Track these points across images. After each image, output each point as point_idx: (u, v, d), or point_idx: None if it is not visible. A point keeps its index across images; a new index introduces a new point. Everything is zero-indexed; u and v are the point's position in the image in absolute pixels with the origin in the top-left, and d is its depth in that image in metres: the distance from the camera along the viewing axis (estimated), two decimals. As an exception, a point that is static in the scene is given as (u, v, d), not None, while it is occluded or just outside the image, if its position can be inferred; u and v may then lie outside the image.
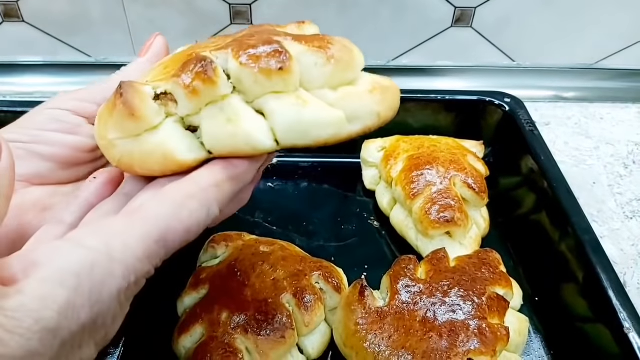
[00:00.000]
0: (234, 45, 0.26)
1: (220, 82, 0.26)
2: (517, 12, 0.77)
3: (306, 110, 0.26)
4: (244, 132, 0.25)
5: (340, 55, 0.28)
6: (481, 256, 0.47)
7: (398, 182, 0.55)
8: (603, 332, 0.42)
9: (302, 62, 0.27)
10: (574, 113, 0.77)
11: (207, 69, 0.25)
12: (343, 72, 0.28)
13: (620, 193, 0.64)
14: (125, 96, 0.26)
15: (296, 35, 0.28)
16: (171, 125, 0.26)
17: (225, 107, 0.26)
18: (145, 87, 0.27)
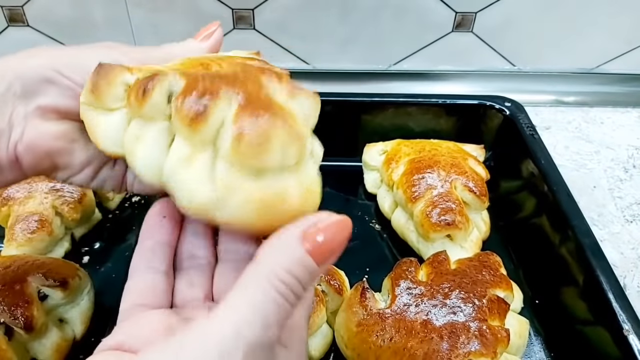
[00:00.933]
0: (193, 79, 0.25)
1: (147, 104, 0.25)
2: (518, 16, 0.77)
3: (183, 170, 0.24)
4: (132, 153, 0.26)
5: (251, 137, 0.23)
6: (482, 259, 0.47)
7: (399, 185, 0.56)
8: (603, 334, 0.43)
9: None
10: (574, 117, 0.78)
11: (147, 86, 0.25)
12: (245, 158, 0.24)
13: (621, 197, 0.65)
14: (96, 73, 0.27)
15: (255, 93, 0.25)
16: (120, 115, 0.28)
17: (145, 126, 0.26)
18: (125, 74, 0.27)
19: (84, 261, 0.54)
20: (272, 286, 0.21)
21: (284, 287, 0.21)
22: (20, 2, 0.74)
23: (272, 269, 0.22)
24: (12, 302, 0.41)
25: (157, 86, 0.25)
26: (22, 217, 0.52)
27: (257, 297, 0.21)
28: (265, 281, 0.21)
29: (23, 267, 0.44)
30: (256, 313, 0.21)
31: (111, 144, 0.27)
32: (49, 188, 0.55)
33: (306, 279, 0.22)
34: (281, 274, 0.21)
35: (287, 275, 0.21)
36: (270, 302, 0.21)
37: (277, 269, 0.22)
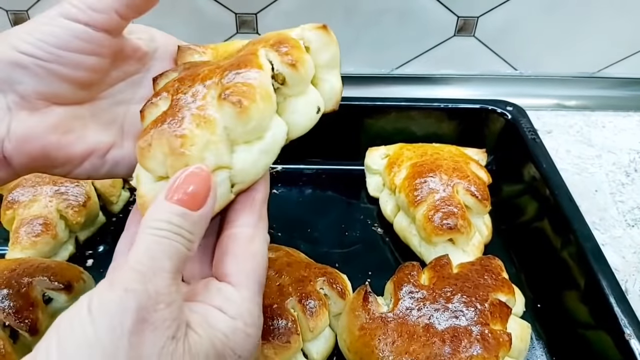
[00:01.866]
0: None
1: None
2: (519, 21, 0.78)
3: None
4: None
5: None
6: (484, 263, 0.47)
7: (401, 189, 0.56)
8: (604, 338, 0.43)
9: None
10: (576, 121, 0.78)
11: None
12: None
13: (622, 201, 0.65)
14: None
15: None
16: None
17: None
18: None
19: (88, 264, 0.55)
20: (145, 233, 0.24)
21: (155, 229, 0.24)
22: (25, 7, 0.75)
23: (142, 224, 0.24)
24: (17, 305, 0.42)
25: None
26: (27, 220, 0.53)
27: (136, 248, 0.23)
28: (141, 233, 0.24)
29: (28, 270, 0.45)
30: (140, 258, 0.23)
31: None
32: (53, 191, 0.55)
33: (179, 221, 0.24)
34: (150, 222, 0.24)
35: (155, 222, 0.24)
36: (151, 243, 0.23)
37: (145, 222, 0.24)
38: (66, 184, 0.56)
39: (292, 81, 0.30)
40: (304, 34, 0.32)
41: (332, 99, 0.33)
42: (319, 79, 0.32)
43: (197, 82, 0.29)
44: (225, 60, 0.31)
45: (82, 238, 0.57)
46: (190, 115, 0.27)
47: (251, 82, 0.28)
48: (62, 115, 0.30)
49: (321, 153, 0.66)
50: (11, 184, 0.57)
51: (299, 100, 0.31)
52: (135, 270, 0.22)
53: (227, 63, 0.30)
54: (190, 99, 0.28)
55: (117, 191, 0.60)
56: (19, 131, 0.29)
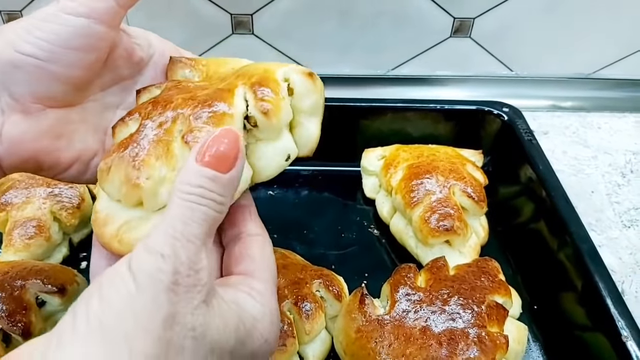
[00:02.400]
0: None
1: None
2: (515, 22, 0.78)
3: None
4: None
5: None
6: (480, 265, 0.47)
7: (398, 190, 0.56)
8: (601, 340, 0.43)
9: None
10: (571, 122, 0.78)
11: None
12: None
13: (618, 202, 0.65)
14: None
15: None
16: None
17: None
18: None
19: (82, 267, 0.54)
20: (178, 198, 0.24)
21: (187, 195, 0.24)
22: (18, 7, 0.74)
23: (175, 188, 0.24)
24: (10, 309, 0.41)
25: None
26: (20, 222, 0.52)
27: (170, 213, 0.24)
28: (174, 197, 0.24)
29: (21, 273, 0.44)
30: (174, 223, 0.23)
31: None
32: (47, 193, 0.55)
33: (211, 185, 0.24)
34: (182, 187, 0.24)
35: (187, 186, 0.24)
36: (184, 209, 0.24)
37: (178, 186, 0.24)
38: (60, 186, 0.55)
39: (263, 127, 0.29)
40: (290, 75, 0.31)
41: (306, 145, 0.33)
42: (298, 122, 0.32)
43: (168, 109, 0.29)
44: (203, 91, 0.30)
45: (76, 240, 0.56)
46: (153, 146, 0.27)
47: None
48: (55, 120, 0.30)
49: (317, 154, 0.65)
50: (4, 185, 0.56)
51: (269, 146, 0.30)
52: (169, 235, 0.23)
53: (203, 95, 0.29)
54: (156, 127, 0.28)
55: (112, 193, 0.59)
56: (11, 134, 0.28)
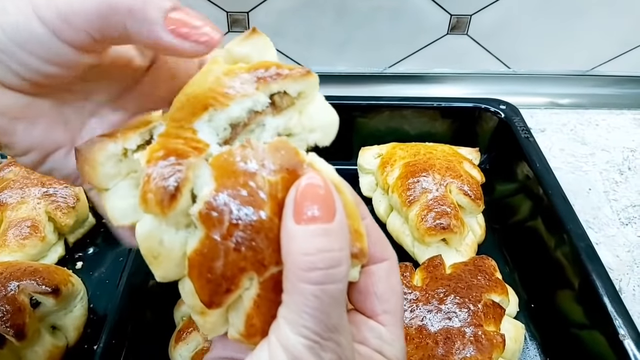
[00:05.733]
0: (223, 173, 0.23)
1: (173, 212, 0.22)
2: (512, 19, 0.77)
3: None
4: (155, 257, 0.24)
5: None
6: (477, 263, 0.47)
7: (394, 189, 0.56)
8: (598, 338, 0.43)
9: None
10: (569, 119, 0.78)
11: (171, 189, 0.22)
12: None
13: (616, 199, 0.65)
14: (77, 160, 0.25)
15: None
16: (121, 189, 0.25)
17: (167, 230, 0.23)
18: (107, 149, 0.25)
19: (78, 267, 0.54)
20: (300, 284, 0.21)
21: (308, 272, 0.21)
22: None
23: (292, 270, 0.21)
24: (4, 310, 0.41)
25: (184, 189, 0.22)
26: (15, 222, 0.52)
27: (301, 307, 0.21)
28: (294, 286, 0.21)
29: (15, 274, 0.44)
30: (313, 325, 0.21)
31: (124, 218, 0.25)
32: (42, 193, 0.54)
33: (324, 243, 0.21)
34: (299, 264, 0.21)
35: (303, 261, 0.21)
36: (315, 296, 0.21)
37: (294, 265, 0.21)
38: (54, 186, 0.55)
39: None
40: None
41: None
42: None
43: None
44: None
45: (71, 240, 0.56)
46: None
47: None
48: (13, 102, 0.26)
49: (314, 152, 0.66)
50: (-1, 185, 0.56)
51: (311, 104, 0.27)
52: (313, 343, 0.20)
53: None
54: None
55: (107, 192, 0.59)
56: None
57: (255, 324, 0.22)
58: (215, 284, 0.22)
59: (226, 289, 0.22)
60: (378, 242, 0.26)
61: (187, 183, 0.22)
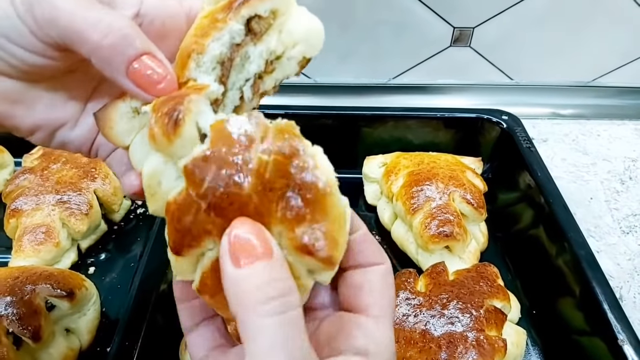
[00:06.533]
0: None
1: (178, 142, 0.23)
2: (515, 31, 0.79)
3: None
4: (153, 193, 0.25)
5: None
6: (479, 270, 0.48)
7: (398, 197, 0.57)
8: (599, 344, 0.44)
9: None
10: (571, 130, 0.79)
11: (175, 116, 0.23)
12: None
13: (617, 208, 0.66)
14: (96, 125, 0.27)
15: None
16: (138, 137, 0.26)
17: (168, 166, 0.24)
18: (119, 109, 0.26)
19: (90, 272, 0.56)
20: (256, 319, 0.21)
21: (261, 305, 0.21)
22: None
23: (242, 312, 0.21)
24: (21, 313, 0.42)
25: (186, 117, 0.23)
26: (30, 228, 0.53)
27: (256, 340, 0.21)
28: (250, 324, 0.21)
29: (31, 278, 0.45)
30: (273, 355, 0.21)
31: (139, 165, 0.26)
32: (56, 200, 0.56)
33: (269, 275, 0.22)
34: (250, 303, 0.21)
35: (253, 297, 0.21)
36: (270, 326, 0.21)
37: (244, 306, 0.21)
38: (69, 193, 0.57)
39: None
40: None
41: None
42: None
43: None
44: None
45: (84, 246, 0.58)
46: None
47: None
48: (11, 87, 0.27)
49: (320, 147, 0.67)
50: (14, 192, 0.58)
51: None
52: None
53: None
54: None
55: (119, 200, 0.61)
56: None
57: (207, 283, 0.23)
58: (181, 235, 0.23)
59: (188, 243, 0.23)
60: (374, 250, 0.26)
61: (189, 112, 0.23)
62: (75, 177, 0.59)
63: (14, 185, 0.58)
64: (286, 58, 0.26)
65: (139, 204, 0.64)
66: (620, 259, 0.59)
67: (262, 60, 0.26)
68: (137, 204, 0.64)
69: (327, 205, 0.22)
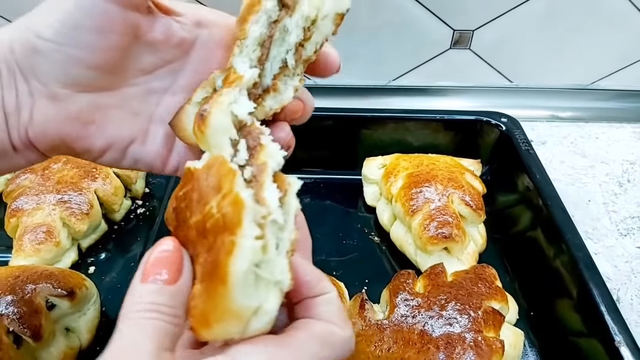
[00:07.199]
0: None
1: (209, 133, 0.25)
2: (514, 34, 0.79)
3: None
4: None
5: None
6: (478, 271, 0.48)
7: (398, 198, 0.57)
8: (596, 346, 0.44)
9: None
10: (569, 132, 0.80)
11: (200, 113, 0.26)
12: None
13: (615, 211, 0.66)
14: (176, 134, 0.30)
15: None
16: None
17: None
18: (187, 111, 0.29)
19: (90, 271, 0.56)
20: (124, 323, 0.23)
21: (135, 313, 0.23)
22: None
23: (122, 315, 0.23)
24: (21, 312, 0.42)
25: (212, 108, 0.25)
26: (30, 228, 0.54)
27: (119, 335, 0.23)
28: (120, 325, 0.23)
29: (31, 277, 0.46)
30: (123, 343, 0.22)
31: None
32: (57, 200, 0.56)
33: (156, 298, 0.23)
34: (128, 312, 0.23)
35: (133, 306, 0.23)
36: (131, 327, 0.22)
37: (124, 312, 0.23)
38: (69, 192, 0.57)
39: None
40: None
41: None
42: None
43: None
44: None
45: (84, 245, 0.58)
46: None
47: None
48: (84, 105, 0.29)
49: (319, 163, 0.68)
50: (15, 192, 0.58)
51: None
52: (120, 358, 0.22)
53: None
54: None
55: (119, 200, 0.61)
56: (39, 119, 0.28)
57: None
58: (169, 214, 0.25)
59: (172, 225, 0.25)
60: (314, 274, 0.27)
61: (216, 105, 0.25)
62: (76, 177, 0.59)
63: (14, 185, 0.59)
64: (320, 19, 0.28)
65: (139, 204, 0.64)
66: (617, 261, 0.59)
67: (299, 29, 0.28)
68: (137, 204, 0.64)
69: (219, 292, 0.22)
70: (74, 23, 0.27)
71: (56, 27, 0.27)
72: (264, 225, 0.23)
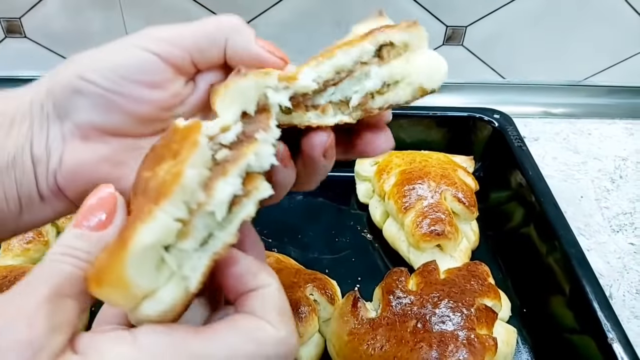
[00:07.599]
0: None
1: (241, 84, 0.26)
2: (507, 30, 0.79)
3: None
4: None
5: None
6: (470, 269, 0.48)
7: (390, 195, 0.57)
8: (588, 342, 0.44)
9: None
10: (562, 128, 0.80)
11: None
12: None
13: (607, 207, 0.66)
14: None
15: None
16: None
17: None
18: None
19: (79, 271, 0.55)
20: (41, 261, 0.23)
21: (50, 255, 0.23)
22: (18, 14, 0.75)
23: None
24: (9, 312, 0.42)
25: (250, 74, 0.27)
26: (18, 227, 0.53)
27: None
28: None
29: (19, 277, 0.45)
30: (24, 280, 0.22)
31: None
32: (45, 198, 0.55)
33: (74, 242, 0.23)
34: (50, 251, 0.23)
35: (53, 248, 0.23)
36: (37, 268, 0.22)
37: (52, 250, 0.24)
38: (58, 191, 0.56)
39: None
40: None
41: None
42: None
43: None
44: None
45: (73, 245, 0.57)
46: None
47: None
48: (115, 147, 0.29)
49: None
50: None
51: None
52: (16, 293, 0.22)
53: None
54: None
55: (109, 198, 0.60)
56: (69, 162, 0.28)
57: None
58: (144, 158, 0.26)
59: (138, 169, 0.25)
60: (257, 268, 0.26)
61: (255, 72, 0.27)
62: (65, 175, 0.58)
63: None
64: (404, 83, 0.28)
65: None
66: (610, 258, 0.59)
67: (380, 81, 0.28)
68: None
69: (119, 255, 0.21)
70: (125, 73, 0.27)
71: (106, 73, 0.27)
72: (194, 212, 0.22)
